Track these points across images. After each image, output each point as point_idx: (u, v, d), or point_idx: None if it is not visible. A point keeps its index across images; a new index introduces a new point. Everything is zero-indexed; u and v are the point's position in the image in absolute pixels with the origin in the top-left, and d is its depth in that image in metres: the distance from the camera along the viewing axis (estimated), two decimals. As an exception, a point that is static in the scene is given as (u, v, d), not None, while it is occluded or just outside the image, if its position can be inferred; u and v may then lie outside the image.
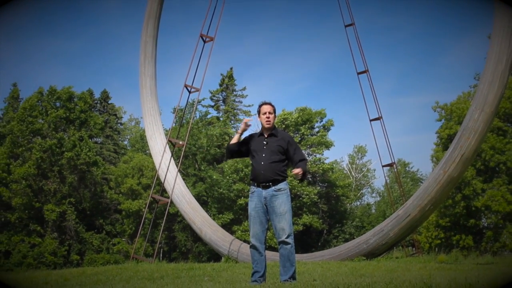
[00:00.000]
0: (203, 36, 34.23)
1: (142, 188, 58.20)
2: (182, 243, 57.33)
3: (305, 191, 55.42)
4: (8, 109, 69.23)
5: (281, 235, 9.21)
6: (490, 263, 23.70)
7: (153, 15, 38.60)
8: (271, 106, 9.72)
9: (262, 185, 9.33)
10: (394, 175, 38.19)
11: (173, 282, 12.56)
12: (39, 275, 21.96)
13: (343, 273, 13.96)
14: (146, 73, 38.02)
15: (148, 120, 37.66)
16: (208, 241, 33.88)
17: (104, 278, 17.42)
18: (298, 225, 53.29)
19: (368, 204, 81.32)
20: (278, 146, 9.43)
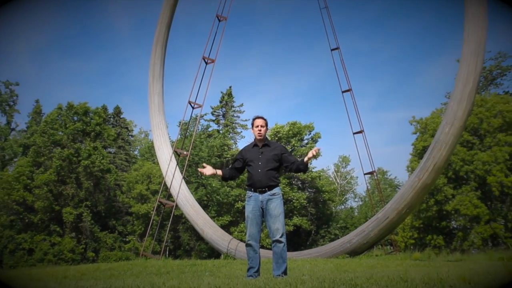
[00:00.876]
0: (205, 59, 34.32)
1: (151, 193, 58.05)
2: (186, 242, 57.18)
3: (295, 196, 55.50)
4: (31, 123, 69.12)
5: (276, 234, 9.34)
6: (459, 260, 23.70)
7: (161, 39, 38.71)
8: (263, 119, 9.88)
9: (258, 190, 9.48)
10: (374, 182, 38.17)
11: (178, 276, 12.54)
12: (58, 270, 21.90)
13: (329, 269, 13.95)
14: (154, 91, 38.08)
15: (156, 132, 37.70)
16: (209, 240, 33.86)
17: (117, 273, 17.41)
18: (289, 226, 53.22)
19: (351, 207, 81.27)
20: (273, 155, 9.62)
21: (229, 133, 65.81)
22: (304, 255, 27.88)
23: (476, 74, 24.21)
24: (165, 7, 38.81)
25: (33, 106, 71.85)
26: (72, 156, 58.98)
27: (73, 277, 16.37)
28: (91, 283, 8.66)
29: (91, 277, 16.01)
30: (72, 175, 59.29)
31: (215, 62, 34.45)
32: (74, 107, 62.89)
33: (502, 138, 45.46)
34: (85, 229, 59.10)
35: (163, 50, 38.87)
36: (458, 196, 45.01)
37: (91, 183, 60.23)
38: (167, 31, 38.95)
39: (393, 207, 25.58)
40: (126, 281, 9.45)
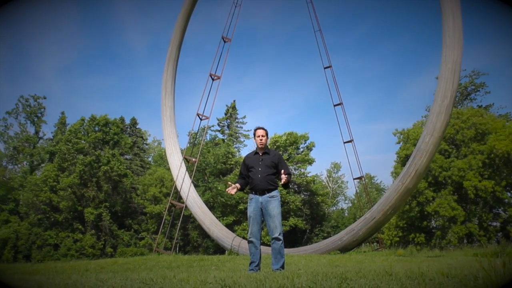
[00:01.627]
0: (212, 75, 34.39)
1: (163, 195, 57.97)
2: (194, 239, 57.06)
3: (291, 199, 55.46)
4: (57, 132, 69.13)
5: (274, 232, 9.42)
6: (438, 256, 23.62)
7: (172, 58, 38.75)
8: (263, 130, 10.02)
9: (259, 193, 9.59)
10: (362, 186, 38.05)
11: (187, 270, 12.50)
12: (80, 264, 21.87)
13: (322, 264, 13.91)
14: (167, 104, 38.09)
15: (168, 141, 37.72)
16: (215, 238, 33.84)
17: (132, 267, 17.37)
18: (286, 225, 53.11)
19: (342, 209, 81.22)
20: (271, 162, 9.73)
21: (233, 142, 65.76)
22: (300, 252, 27.84)
23: (453, 90, 24.25)
24: (176, 29, 38.90)
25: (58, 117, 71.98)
26: (93, 162, 59.06)
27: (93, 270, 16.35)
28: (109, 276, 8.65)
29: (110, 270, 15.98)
30: (93, 179, 59.32)
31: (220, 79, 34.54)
32: (96, 119, 63.08)
33: (475, 147, 45.52)
34: (104, 227, 59.09)
35: (174, 68, 38.92)
36: (437, 199, 44.98)
37: (110, 186, 60.25)
38: (178, 51, 39.01)
39: (379, 209, 25.55)
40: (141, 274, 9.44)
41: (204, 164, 56.93)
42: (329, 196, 71.57)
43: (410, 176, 24.48)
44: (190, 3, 38.74)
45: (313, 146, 61.63)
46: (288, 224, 54.35)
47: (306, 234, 58.67)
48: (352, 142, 32.76)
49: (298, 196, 57.91)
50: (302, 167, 60.40)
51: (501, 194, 44.28)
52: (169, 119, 37.96)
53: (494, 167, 45.12)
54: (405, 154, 47.49)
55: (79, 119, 63.80)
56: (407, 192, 25.41)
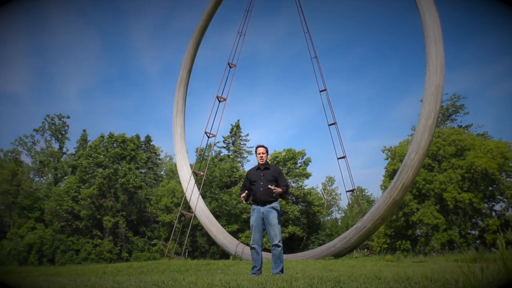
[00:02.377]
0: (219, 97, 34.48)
1: (174, 206, 57.88)
2: (202, 245, 56.89)
3: (290, 209, 55.41)
4: (79, 148, 69.22)
5: (274, 240, 9.46)
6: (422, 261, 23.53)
7: (183, 82, 38.92)
8: (264, 148, 10.08)
9: (260, 204, 9.63)
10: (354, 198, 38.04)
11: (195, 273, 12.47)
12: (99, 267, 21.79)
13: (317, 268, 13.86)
14: (177, 123, 38.19)
15: (179, 156, 37.76)
16: (220, 244, 33.73)
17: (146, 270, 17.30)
18: (285, 233, 52.98)
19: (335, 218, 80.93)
20: (272, 176, 9.76)
21: (237, 158, 65.70)
22: (298, 257, 27.72)
23: (435, 112, 24.29)
24: (186, 56, 39.11)
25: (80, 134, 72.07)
26: (111, 175, 59.14)
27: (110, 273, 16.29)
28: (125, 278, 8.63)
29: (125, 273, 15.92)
30: (111, 190, 59.36)
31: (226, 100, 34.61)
32: (114, 136, 63.24)
33: (455, 163, 45.53)
34: (121, 234, 59.01)
35: (184, 91, 39.07)
36: (421, 209, 44.89)
37: (126, 197, 60.25)
38: (188, 75, 39.18)
39: (369, 218, 25.49)
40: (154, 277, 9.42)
41: (211, 177, 56.87)
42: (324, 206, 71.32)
43: (397, 189, 24.45)
44: (200, 33, 39.00)
45: (310, 162, 61.68)
46: (287, 231, 54.23)
47: (303, 241, 58.46)
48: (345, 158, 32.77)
49: (296, 207, 57.82)
50: (300, 180, 60.46)
51: (479, 205, 44.20)
52: (180, 136, 38.03)
53: (472, 181, 45.12)
54: (392, 169, 47.45)
55: (99, 136, 64.02)
56: (394, 204, 25.37)
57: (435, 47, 24.53)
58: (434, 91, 24.17)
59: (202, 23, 38.82)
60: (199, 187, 36.12)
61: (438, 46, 24.55)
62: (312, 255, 27.40)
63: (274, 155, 59.81)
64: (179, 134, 38.05)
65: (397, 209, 39.84)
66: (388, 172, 49.96)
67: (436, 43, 24.57)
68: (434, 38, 24.68)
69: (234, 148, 67.10)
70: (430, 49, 24.68)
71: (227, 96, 34.69)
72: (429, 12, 25.21)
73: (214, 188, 57.84)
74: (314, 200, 60.97)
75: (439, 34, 24.80)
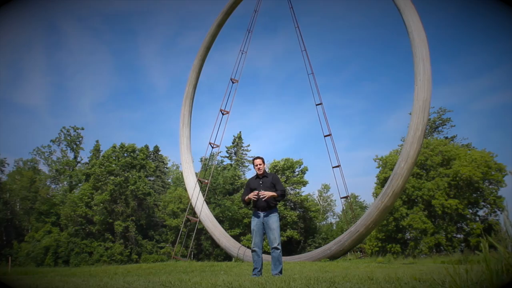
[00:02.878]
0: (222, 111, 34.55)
1: (180, 211, 57.77)
2: (206, 248, 56.75)
3: (288, 214, 55.36)
4: (92, 157, 69.23)
5: (273, 243, 9.47)
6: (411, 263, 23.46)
7: (189, 96, 39.03)
8: (260, 159, 10.11)
9: (261, 210, 9.65)
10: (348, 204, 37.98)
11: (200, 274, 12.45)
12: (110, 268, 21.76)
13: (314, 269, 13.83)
14: (184, 135, 38.26)
15: (185, 166, 37.79)
16: (223, 247, 33.68)
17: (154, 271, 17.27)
18: (284, 236, 52.88)
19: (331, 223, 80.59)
20: (270, 183, 9.79)
21: (239, 167, 65.72)
22: (295, 259, 27.69)
23: (423, 124, 24.34)
24: (192, 72, 39.23)
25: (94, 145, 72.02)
26: (122, 182, 59.13)
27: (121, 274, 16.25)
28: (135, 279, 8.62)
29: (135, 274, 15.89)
30: (122, 197, 59.32)
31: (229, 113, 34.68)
32: (125, 146, 63.30)
33: (442, 171, 45.56)
34: (131, 238, 58.91)
35: (190, 104, 39.17)
36: (411, 215, 44.86)
37: (136, 203, 60.22)
38: (194, 90, 39.29)
39: (362, 223, 25.46)
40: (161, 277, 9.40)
41: (214, 185, 56.84)
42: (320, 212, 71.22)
43: (388, 195, 24.44)
44: (204, 51, 39.15)
45: (307, 170, 61.66)
46: (285, 235, 54.14)
47: (301, 244, 58.30)
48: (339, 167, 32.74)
49: (294, 212, 57.83)
50: (297, 187, 60.43)
51: (463, 211, 44.24)
52: (186, 147, 38.09)
53: (458, 188, 45.13)
54: (383, 177, 47.42)
55: (111, 147, 64.03)
56: (385, 209, 25.36)
57: (423, 65, 24.62)
58: (422, 105, 24.23)
59: (207, 42, 38.99)
60: (203, 194, 36.10)
61: (425, 63, 24.65)
62: (309, 257, 27.37)
63: (274, 164, 59.93)
64: (185, 144, 38.12)
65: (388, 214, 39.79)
66: (380, 180, 49.93)
67: (424, 61, 24.67)
68: (421, 56, 24.78)
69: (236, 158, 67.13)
70: (418, 66, 24.77)
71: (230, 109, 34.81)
72: (417, 32, 25.33)
73: (217, 194, 57.80)
74: (310, 206, 60.96)
75: (427, 53, 24.91)
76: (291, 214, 56.65)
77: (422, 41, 25.12)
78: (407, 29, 25.84)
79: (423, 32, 25.43)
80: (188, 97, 38.98)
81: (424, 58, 24.73)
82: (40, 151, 75.65)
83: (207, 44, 39.05)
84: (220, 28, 38.83)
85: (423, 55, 24.78)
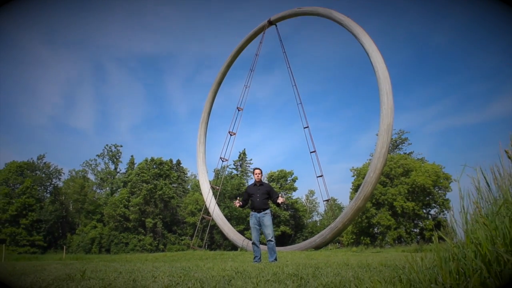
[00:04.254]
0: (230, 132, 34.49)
1: (197, 211, 57.59)
2: (218, 240, 56.47)
3: (282, 213, 55.18)
4: (129, 169, 69.28)
5: (268, 236, 9.56)
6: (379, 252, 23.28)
7: (204, 120, 39.08)
8: (259, 170, 10.16)
9: (257, 211, 9.70)
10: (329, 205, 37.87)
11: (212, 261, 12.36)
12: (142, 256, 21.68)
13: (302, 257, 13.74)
14: (200, 151, 38.23)
15: (201, 175, 37.72)
16: (231, 239, 33.47)
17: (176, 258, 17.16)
18: (278, 231, 52.68)
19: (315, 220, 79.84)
20: (266, 190, 9.86)
21: (243, 176, 65.58)
22: (287, 249, 27.48)
23: (387, 143, 24.32)
24: (207, 102, 39.37)
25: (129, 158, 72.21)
26: (152, 188, 59.06)
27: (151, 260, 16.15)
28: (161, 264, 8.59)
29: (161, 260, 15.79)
30: (152, 200, 59.26)
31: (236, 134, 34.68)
32: (154, 160, 63.31)
33: (403, 180, 45.50)
34: (158, 232, 58.74)
35: (205, 127, 39.21)
36: (379, 214, 44.70)
37: (163, 204, 60.13)
38: (208, 115, 39.36)
39: (340, 221, 25.31)
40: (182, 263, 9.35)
41: (224, 191, 56.70)
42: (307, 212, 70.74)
43: (360, 199, 24.34)
44: (216, 85, 39.35)
45: (296, 179, 61.75)
46: (279, 230, 53.96)
47: (291, 237, 57.99)
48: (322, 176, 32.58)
49: (286, 212, 57.71)
50: (289, 193, 60.42)
51: (419, 211, 44.23)
52: (202, 161, 38.05)
53: (414, 193, 45.08)
54: (357, 184, 47.27)
55: (143, 160, 64.22)
56: (358, 210, 25.24)
57: (386, 97, 24.69)
58: (386, 128, 24.25)
59: (218, 78, 39.19)
60: (215, 198, 35.97)
61: (388, 95, 24.72)
62: (298, 248, 27.16)
63: (270, 174, 60.05)
64: (201, 159, 38.08)
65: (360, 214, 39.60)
66: (354, 186, 49.81)
67: (387, 94, 24.75)
68: (385, 90, 24.86)
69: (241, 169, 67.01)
70: (383, 97, 24.84)
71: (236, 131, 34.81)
72: (382, 71, 25.43)
73: (226, 198, 57.65)
74: (299, 207, 60.87)
75: (389, 87, 24.99)
76: (284, 213, 56.56)
77: (386, 78, 25.22)
78: (374, 69, 25.96)
79: (387, 71, 25.54)
80: (203, 121, 39.06)
81: (388, 91, 24.81)
82: (88, 164, 75.84)
83: (219, 80, 39.26)
84: (229, 68, 39.07)
85: (386, 89, 24.86)
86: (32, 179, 65.76)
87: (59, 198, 67.62)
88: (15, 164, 68.67)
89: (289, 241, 54.63)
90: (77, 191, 67.16)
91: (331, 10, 29.83)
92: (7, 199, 61.64)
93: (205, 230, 39.59)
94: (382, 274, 4.49)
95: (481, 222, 3.12)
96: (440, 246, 3.27)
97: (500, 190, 3.48)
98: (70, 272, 5.94)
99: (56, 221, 64.77)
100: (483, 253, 2.80)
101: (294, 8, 33.96)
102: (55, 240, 64.40)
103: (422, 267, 3.27)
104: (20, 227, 60.07)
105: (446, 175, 45.78)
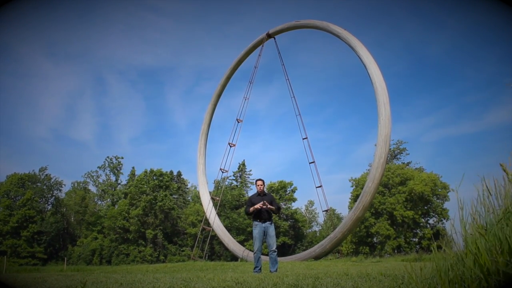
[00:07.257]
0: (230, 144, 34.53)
1: (198, 222, 57.31)
2: (218, 251, 56.17)
3: (282, 224, 55.02)
4: (129, 180, 69.16)
5: (272, 246, 9.56)
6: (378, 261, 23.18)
7: (204, 132, 39.12)
8: (261, 180, 10.17)
9: (262, 221, 9.69)
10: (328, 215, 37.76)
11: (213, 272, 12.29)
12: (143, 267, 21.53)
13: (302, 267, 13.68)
14: (200, 162, 38.23)
15: (201, 186, 37.69)
16: (231, 250, 33.34)
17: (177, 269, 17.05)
18: (278, 241, 52.43)
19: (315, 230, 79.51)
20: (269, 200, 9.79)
21: (243, 187, 65.43)
22: (287, 259, 27.34)
23: (385, 153, 24.36)
24: (207, 114, 39.46)
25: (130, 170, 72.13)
26: (152, 200, 58.85)
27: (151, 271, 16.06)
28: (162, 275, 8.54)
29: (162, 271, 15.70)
30: (152, 211, 58.98)
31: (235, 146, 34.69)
32: (154, 171, 63.14)
33: (401, 189, 45.49)
34: (159, 243, 58.38)
35: (205, 139, 39.24)
36: (377, 223, 44.59)
37: (163, 215, 59.80)
38: (208, 127, 39.42)
39: (339, 230, 25.24)
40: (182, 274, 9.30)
41: (224, 201, 56.52)
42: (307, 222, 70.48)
43: (359, 209, 24.30)
44: (216, 97, 39.47)
45: (296, 189, 61.53)
46: (279, 240, 53.69)
47: (291, 247, 57.73)
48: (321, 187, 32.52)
49: (286, 222, 57.54)
50: (289, 203, 60.27)
51: (418, 220, 44.12)
52: (202, 172, 38.02)
53: (413, 202, 45.00)
54: (356, 194, 47.23)
55: (143, 171, 63.98)
56: (357, 220, 25.19)
57: (384, 108, 24.79)
58: (384, 139, 24.31)
59: (218, 90, 39.33)
60: (216, 208, 35.88)
61: (386, 107, 24.81)
62: (298, 258, 27.04)
63: (270, 185, 59.93)
64: (201, 170, 38.06)
65: (359, 223, 39.50)
66: (353, 196, 49.75)
67: (385, 105, 24.85)
68: (383, 101, 24.97)
69: (241, 180, 66.88)
70: (380, 108, 24.94)
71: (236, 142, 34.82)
72: (379, 83, 25.56)
73: (226, 209, 57.45)
74: (299, 217, 60.66)
75: (387, 98, 25.10)
76: (284, 224, 56.40)
77: (383, 89, 25.34)
78: (371, 80, 26.09)
79: (384, 82, 25.67)
80: (203, 133, 39.11)
81: (385, 102, 24.92)
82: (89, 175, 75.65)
83: (218, 92, 39.39)
84: (229, 80, 39.22)
85: (384, 100, 24.97)
86: (33, 191, 65.58)
87: (60, 209, 67.37)
88: (16, 176, 68.45)
89: (289, 251, 54.35)
90: (78, 203, 66.96)
91: (328, 23, 30.08)
92: (8, 211, 61.42)
93: (206, 241, 39.42)
94: (381, 284, 4.48)
95: (480, 232, 3.12)
96: (440, 255, 3.26)
97: (502, 199, 3.48)
98: (71, 284, 5.91)
99: (57, 233, 64.41)
100: (482, 263, 2.80)
101: (292, 21, 34.22)
102: (56, 252, 63.98)
103: (422, 277, 3.26)
104: (21, 238, 59.79)
105: (443, 184, 45.85)
